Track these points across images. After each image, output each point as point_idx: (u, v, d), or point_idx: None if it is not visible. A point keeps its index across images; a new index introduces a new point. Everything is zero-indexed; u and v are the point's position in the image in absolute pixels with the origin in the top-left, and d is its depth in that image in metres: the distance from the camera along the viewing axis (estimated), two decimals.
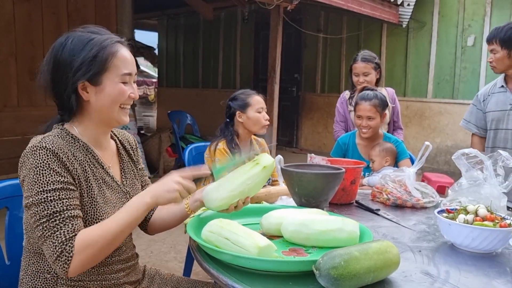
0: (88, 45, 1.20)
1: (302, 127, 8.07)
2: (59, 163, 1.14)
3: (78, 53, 1.20)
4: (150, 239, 3.52)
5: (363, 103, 2.49)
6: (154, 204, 1.22)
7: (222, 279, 1.07)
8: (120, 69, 1.23)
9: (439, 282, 1.10)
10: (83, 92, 1.22)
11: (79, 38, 1.22)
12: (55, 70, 1.22)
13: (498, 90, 2.62)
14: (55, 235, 1.09)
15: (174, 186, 1.22)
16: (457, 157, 1.63)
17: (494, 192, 1.54)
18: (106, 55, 1.21)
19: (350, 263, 0.99)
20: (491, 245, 1.29)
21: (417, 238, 1.47)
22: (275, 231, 1.34)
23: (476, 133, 2.75)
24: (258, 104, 2.36)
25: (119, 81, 1.23)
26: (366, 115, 2.46)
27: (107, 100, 1.23)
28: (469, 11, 5.99)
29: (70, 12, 5.38)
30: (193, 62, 9.85)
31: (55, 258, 1.09)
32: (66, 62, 1.20)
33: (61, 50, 1.21)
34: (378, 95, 2.54)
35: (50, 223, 1.10)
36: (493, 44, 2.49)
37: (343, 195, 1.84)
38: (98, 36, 1.23)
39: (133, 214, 1.19)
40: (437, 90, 6.38)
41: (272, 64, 5.12)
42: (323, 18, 7.49)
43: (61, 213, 1.11)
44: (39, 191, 1.11)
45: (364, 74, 3.06)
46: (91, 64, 1.19)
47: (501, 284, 1.12)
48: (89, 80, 1.21)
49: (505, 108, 2.55)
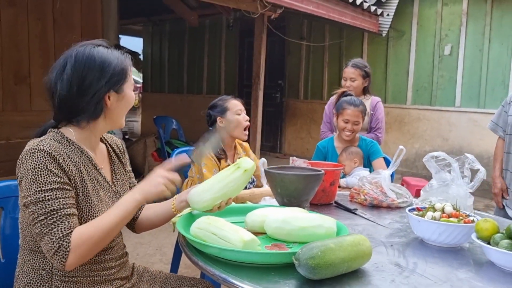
0: (112, 56, 1.33)
1: (285, 133, 8.20)
2: (56, 165, 1.23)
3: (107, 65, 1.31)
4: (136, 242, 3.58)
5: (352, 108, 2.61)
6: (144, 201, 1.32)
7: (209, 270, 1.17)
8: (131, 77, 1.39)
9: (407, 272, 1.22)
10: (107, 100, 1.33)
11: (101, 52, 1.32)
12: (82, 80, 1.29)
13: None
14: (53, 232, 1.17)
15: (159, 181, 1.33)
16: (427, 159, 1.75)
17: (460, 192, 1.67)
18: (126, 66, 1.36)
19: (326, 254, 1.09)
20: (456, 239, 1.41)
21: (390, 234, 1.59)
22: (259, 228, 1.44)
23: (501, 136, 2.67)
24: (236, 106, 2.44)
25: (131, 89, 1.39)
26: (353, 120, 2.60)
27: (125, 106, 1.38)
28: (446, 21, 6.21)
29: (55, 17, 5.40)
30: (178, 68, 9.93)
31: (53, 253, 1.16)
32: (95, 72, 1.29)
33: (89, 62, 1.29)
34: (362, 101, 2.70)
35: (47, 221, 1.18)
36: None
37: (323, 196, 1.95)
38: (111, 49, 1.36)
39: (124, 211, 1.28)
40: (416, 97, 6.58)
41: (257, 70, 5.23)
42: (306, 27, 7.65)
43: (58, 211, 1.19)
44: (37, 190, 1.19)
45: (351, 79, 3.21)
46: (119, 74, 1.33)
47: (462, 273, 1.23)
48: (115, 89, 1.33)
49: None
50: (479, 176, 1.69)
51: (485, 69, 5.89)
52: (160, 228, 1.61)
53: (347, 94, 2.81)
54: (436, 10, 6.27)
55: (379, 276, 1.17)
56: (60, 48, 1.37)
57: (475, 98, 6.00)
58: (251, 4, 4.77)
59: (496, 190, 2.65)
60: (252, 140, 5.27)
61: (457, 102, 6.17)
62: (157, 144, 5.88)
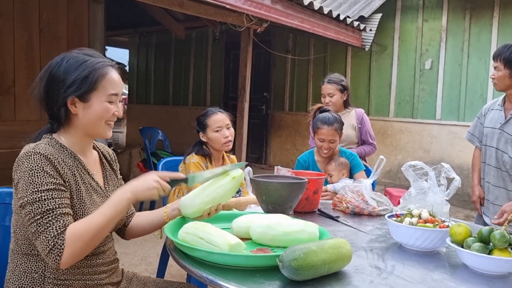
0: (82, 65, 1.36)
1: (271, 144, 8.27)
2: (51, 167, 1.27)
3: (71, 72, 1.35)
4: (121, 252, 3.57)
5: (326, 127, 2.60)
6: (134, 200, 1.36)
7: (197, 273, 1.21)
8: (107, 89, 1.38)
9: (385, 273, 1.28)
10: (72, 106, 1.36)
11: (74, 59, 1.37)
12: (49, 85, 1.37)
13: (496, 107, 2.63)
14: (48, 230, 1.21)
15: (153, 184, 1.37)
16: (406, 168, 1.83)
17: (437, 199, 1.74)
18: (97, 76, 1.36)
19: (308, 256, 1.15)
20: (432, 243, 1.48)
21: (371, 240, 1.66)
22: (245, 233, 1.49)
23: (478, 147, 2.76)
24: (215, 123, 2.45)
25: (105, 100, 1.38)
26: (328, 139, 2.60)
27: (94, 116, 1.38)
28: (426, 36, 6.40)
29: (42, 28, 5.41)
30: (164, 80, 9.96)
31: (48, 251, 1.20)
32: (59, 78, 1.35)
33: (57, 67, 1.36)
34: (336, 117, 2.69)
35: (43, 220, 1.22)
36: (497, 61, 2.46)
37: (306, 204, 2.01)
38: (92, 59, 1.38)
39: (115, 208, 1.32)
40: (398, 109, 6.73)
41: (242, 83, 5.31)
42: (291, 40, 7.79)
43: (53, 210, 1.23)
44: (33, 191, 1.23)
45: (329, 94, 3.28)
46: (82, 82, 1.34)
47: (437, 275, 1.30)
48: (78, 97, 1.35)
49: (495, 126, 2.57)
50: (454, 184, 1.77)
51: (464, 83, 6.08)
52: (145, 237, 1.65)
53: (323, 110, 2.80)
54: (417, 25, 6.46)
55: (359, 278, 1.24)
56: (46, 59, 1.42)
57: (455, 111, 6.17)
58: (237, 18, 4.86)
59: (474, 198, 2.73)
60: (237, 152, 5.32)
61: (438, 115, 6.33)
62: (143, 155, 5.89)
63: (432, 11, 6.36)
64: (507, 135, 2.48)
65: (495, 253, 1.31)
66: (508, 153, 2.48)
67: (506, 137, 2.49)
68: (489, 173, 2.61)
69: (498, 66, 2.46)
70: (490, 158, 2.59)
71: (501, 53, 2.43)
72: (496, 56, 2.47)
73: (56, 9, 5.39)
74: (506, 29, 5.70)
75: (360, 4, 6.66)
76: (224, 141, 2.45)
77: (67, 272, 1.32)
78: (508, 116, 2.50)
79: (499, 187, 2.55)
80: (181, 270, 3.29)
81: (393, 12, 6.67)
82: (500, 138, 2.53)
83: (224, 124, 2.47)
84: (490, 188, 2.61)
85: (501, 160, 2.52)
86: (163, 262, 2.49)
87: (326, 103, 3.25)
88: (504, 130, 2.51)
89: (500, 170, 2.53)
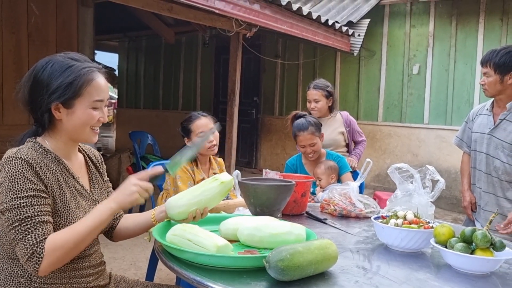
0: (67, 71, 1.33)
1: (261, 149, 8.29)
2: (32, 172, 1.26)
3: (56, 77, 1.33)
4: (110, 257, 3.56)
5: (302, 133, 2.65)
6: (118, 209, 1.35)
7: (185, 274, 1.22)
8: (92, 96, 1.36)
9: (370, 273, 1.30)
10: (55, 112, 1.35)
11: (59, 63, 1.35)
12: (33, 89, 1.35)
13: (484, 112, 2.59)
14: (26, 238, 1.20)
15: (132, 188, 1.36)
16: (392, 171, 1.86)
17: (422, 201, 1.77)
18: (82, 83, 1.34)
19: (294, 256, 1.16)
20: (416, 244, 1.51)
21: (357, 241, 1.68)
22: (232, 236, 1.51)
23: (466, 152, 2.73)
24: (198, 129, 2.47)
25: (89, 106, 1.36)
26: (308, 143, 2.65)
27: (77, 122, 1.36)
28: (414, 42, 6.49)
29: (30, 32, 5.39)
30: (154, 84, 9.95)
31: (27, 259, 1.20)
32: (43, 83, 1.33)
33: (41, 72, 1.34)
34: (310, 121, 2.71)
35: (22, 227, 1.21)
36: (487, 67, 2.40)
37: (294, 207, 2.03)
38: (77, 63, 1.36)
39: (98, 219, 1.31)
40: (387, 114, 6.80)
41: (232, 87, 5.33)
42: (281, 45, 7.84)
43: (32, 218, 1.22)
44: (13, 197, 1.23)
45: (315, 100, 3.32)
46: (66, 89, 1.32)
47: (421, 274, 1.33)
48: (62, 103, 1.33)
49: (484, 131, 2.53)
50: (439, 186, 1.80)
51: (451, 88, 6.16)
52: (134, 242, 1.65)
53: (298, 116, 2.83)
54: (405, 31, 6.55)
55: (345, 278, 1.26)
56: (34, 63, 1.40)
57: (442, 116, 6.25)
58: (226, 22, 4.89)
59: (465, 204, 2.69)
60: (227, 156, 5.33)
61: (426, 119, 6.41)
62: (132, 159, 5.87)
63: (420, 17, 6.45)
64: (497, 140, 2.45)
65: (477, 252, 1.34)
66: (499, 158, 2.45)
67: (496, 142, 2.46)
68: (480, 178, 2.58)
69: (488, 72, 2.40)
70: (481, 163, 2.56)
71: (490, 58, 2.38)
72: (485, 62, 2.41)
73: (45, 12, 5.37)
74: (492, 35, 5.80)
75: (348, 10, 6.73)
76: (208, 146, 2.46)
77: (53, 276, 1.32)
78: (497, 121, 2.47)
79: (489, 193, 2.53)
80: (170, 274, 3.28)
81: (381, 18, 6.76)
82: (489, 143, 2.49)
83: (207, 128, 2.47)
84: (481, 194, 2.57)
85: (492, 166, 2.48)
86: (152, 266, 2.48)
87: (311, 109, 3.31)
88: (494, 135, 2.47)
89: (490, 176, 2.50)
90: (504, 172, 2.44)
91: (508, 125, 2.43)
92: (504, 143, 2.43)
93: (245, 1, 4.46)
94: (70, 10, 5.53)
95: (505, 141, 2.42)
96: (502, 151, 2.44)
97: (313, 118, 2.75)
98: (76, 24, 5.85)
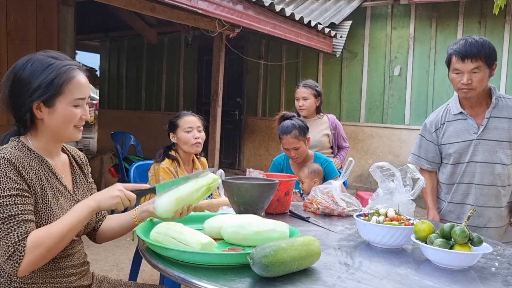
0: (48, 69, 1.32)
1: (244, 149, 8.30)
2: (15, 172, 1.25)
3: (37, 76, 1.31)
4: (92, 258, 3.50)
5: (285, 137, 2.62)
6: (97, 208, 1.35)
7: (169, 272, 1.22)
8: (74, 94, 1.35)
9: (352, 269, 1.33)
10: (37, 111, 1.33)
11: (40, 62, 1.34)
12: (14, 88, 1.34)
13: (454, 117, 2.26)
14: (9, 236, 1.19)
15: (116, 193, 1.36)
16: (373, 169, 1.89)
17: (403, 199, 1.81)
18: (63, 81, 1.33)
19: (278, 253, 1.18)
20: (397, 240, 1.54)
21: (340, 239, 1.70)
22: (216, 234, 1.51)
23: (428, 168, 2.39)
24: (186, 124, 2.51)
25: (71, 104, 1.35)
26: (291, 147, 2.62)
27: (59, 121, 1.35)
28: (395, 44, 6.59)
29: (9, 31, 5.29)
30: (136, 85, 9.87)
31: (7, 257, 1.18)
32: (24, 82, 1.32)
33: (21, 71, 1.33)
34: (295, 124, 2.65)
35: (4, 225, 1.20)
36: (478, 61, 2.04)
37: (278, 205, 2.04)
38: (57, 61, 1.35)
39: (77, 217, 1.31)
40: (369, 115, 6.89)
41: (215, 88, 5.32)
42: (264, 46, 7.87)
43: (15, 216, 1.22)
44: None
45: (304, 98, 3.37)
46: (47, 87, 1.31)
47: (402, 269, 1.36)
48: (43, 102, 1.32)
49: (469, 138, 2.20)
50: (419, 184, 1.84)
51: (431, 89, 6.28)
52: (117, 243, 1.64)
53: (286, 118, 2.79)
54: (386, 33, 6.65)
55: (327, 273, 1.27)
56: (13, 62, 1.38)
57: (423, 116, 6.35)
58: (209, 23, 4.89)
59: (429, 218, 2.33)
60: (211, 157, 5.32)
61: (407, 120, 6.51)
62: (114, 160, 5.81)
63: (400, 19, 6.56)
64: (491, 142, 2.16)
65: (456, 248, 1.37)
66: (501, 161, 2.16)
67: (491, 144, 2.16)
68: (470, 193, 2.23)
69: (480, 66, 2.05)
70: (474, 175, 2.20)
71: (479, 50, 2.03)
72: (474, 55, 2.04)
73: (25, 11, 5.28)
74: None
75: (331, 12, 6.80)
76: (193, 142, 2.48)
77: (34, 276, 1.31)
78: (483, 121, 2.17)
79: (491, 207, 2.21)
80: (153, 275, 3.26)
81: (363, 19, 6.85)
82: (481, 149, 2.17)
83: (195, 125, 2.52)
84: (480, 211, 2.20)
85: (494, 174, 2.17)
86: (136, 266, 2.47)
87: (299, 106, 3.35)
88: (484, 138, 2.17)
89: (494, 186, 2.19)
90: (509, 176, 2.18)
91: (498, 121, 2.16)
92: (501, 142, 2.16)
93: (228, 1, 4.47)
94: (51, 9, 5.45)
95: (502, 140, 2.15)
96: (502, 153, 2.16)
97: (299, 121, 2.69)
98: (57, 23, 5.77)
